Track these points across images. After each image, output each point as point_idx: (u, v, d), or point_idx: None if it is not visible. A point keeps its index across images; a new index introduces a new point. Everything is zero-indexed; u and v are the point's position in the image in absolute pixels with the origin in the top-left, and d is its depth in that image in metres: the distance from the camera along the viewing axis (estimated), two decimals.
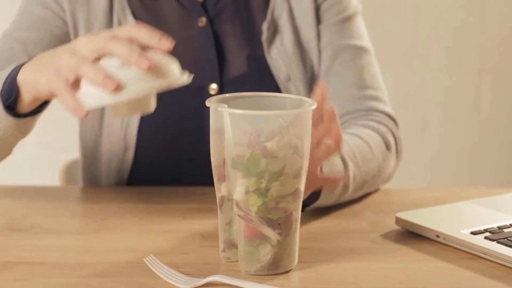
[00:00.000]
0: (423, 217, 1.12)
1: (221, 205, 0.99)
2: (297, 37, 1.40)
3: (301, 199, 0.96)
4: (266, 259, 0.96)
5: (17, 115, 1.13)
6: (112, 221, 1.16)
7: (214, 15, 1.39)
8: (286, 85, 1.37)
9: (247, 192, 0.93)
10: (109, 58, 0.98)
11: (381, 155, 1.30)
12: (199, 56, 1.38)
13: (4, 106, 1.12)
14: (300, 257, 0.99)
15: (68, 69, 0.98)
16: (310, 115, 0.95)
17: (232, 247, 1.00)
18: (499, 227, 1.07)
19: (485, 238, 1.04)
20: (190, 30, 1.39)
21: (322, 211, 1.20)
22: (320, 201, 1.17)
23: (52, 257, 1.02)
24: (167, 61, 0.99)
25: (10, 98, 1.11)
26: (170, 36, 0.98)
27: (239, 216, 0.95)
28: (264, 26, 1.39)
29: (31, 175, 2.54)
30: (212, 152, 0.98)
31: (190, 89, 1.36)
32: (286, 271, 0.97)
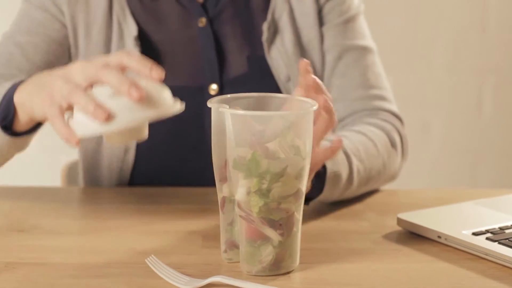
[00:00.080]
0: (425, 218, 1.12)
1: (222, 205, 0.99)
2: (297, 38, 1.40)
3: (302, 199, 0.96)
4: (268, 259, 0.95)
5: (14, 133, 1.15)
6: (114, 221, 1.16)
7: (214, 15, 1.39)
8: (286, 86, 1.37)
9: (248, 193, 0.93)
10: (102, 85, 0.97)
11: (386, 152, 1.30)
12: (199, 57, 1.38)
13: (1, 125, 1.14)
14: (302, 257, 0.99)
15: (61, 96, 0.98)
16: (311, 115, 0.95)
17: (234, 248, 1.00)
18: (500, 228, 1.07)
19: (487, 239, 1.04)
20: (190, 30, 1.39)
21: (324, 211, 1.20)
22: (324, 194, 1.17)
23: (53, 257, 1.02)
24: (159, 90, 0.97)
25: (6, 118, 1.13)
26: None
27: (240, 216, 0.95)
28: (265, 27, 1.39)
29: (33, 176, 2.54)
30: (214, 152, 0.98)
31: (190, 89, 1.37)
32: (287, 272, 0.97)
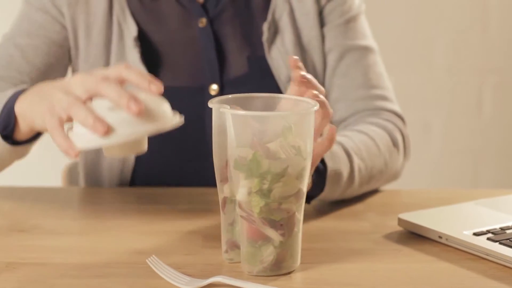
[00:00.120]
0: (426, 218, 1.12)
1: (223, 206, 0.99)
2: (298, 38, 1.40)
3: (303, 200, 0.96)
4: (269, 260, 0.95)
5: (14, 142, 1.15)
6: (115, 222, 1.16)
7: (215, 15, 1.39)
8: (286, 86, 1.37)
9: (249, 193, 0.93)
10: (102, 98, 0.97)
11: (388, 151, 1.30)
12: (200, 57, 1.38)
13: (1, 135, 1.14)
14: (303, 258, 0.99)
15: (61, 108, 0.98)
16: (312, 116, 0.95)
17: (235, 248, 1.00)
18: (501, 228, 1.07)
19: (488, 239, 1.04)
20: (190, 30, 1.39)
21: (324, 211, 1.20)
22: (325, 192, 1.17)
23: (54, 257, 1.02)
24: (158, 103, 0.97)
25: (7, 127, 1.14)
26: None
27: (241, 217, 0.95)
28: (265, 27, 1.39)
29: (33, 176, 2.53)
30: (215, 153, 0.98)
31: (191, 89, 1.37)
32: (288, 272, 0.97)
